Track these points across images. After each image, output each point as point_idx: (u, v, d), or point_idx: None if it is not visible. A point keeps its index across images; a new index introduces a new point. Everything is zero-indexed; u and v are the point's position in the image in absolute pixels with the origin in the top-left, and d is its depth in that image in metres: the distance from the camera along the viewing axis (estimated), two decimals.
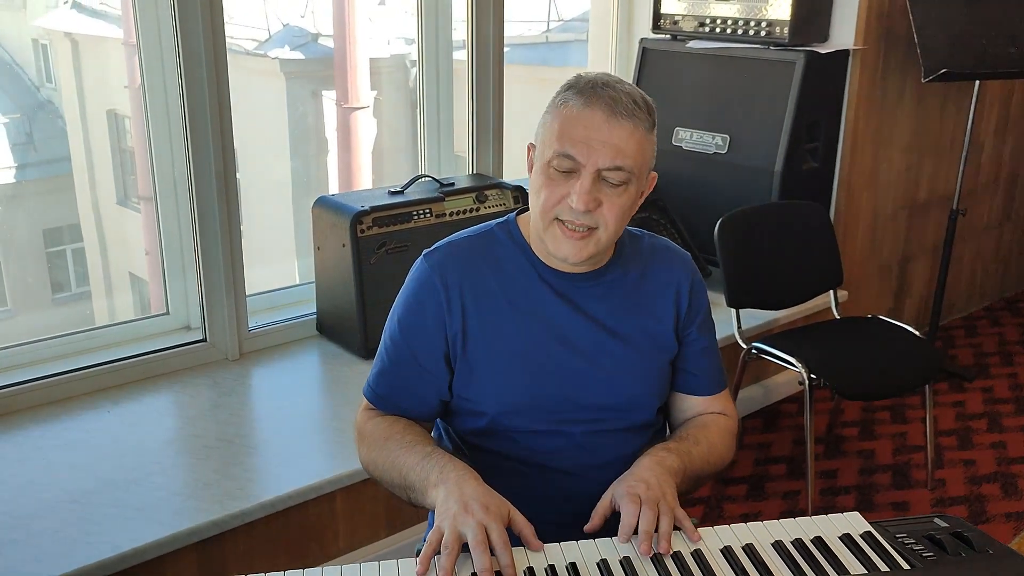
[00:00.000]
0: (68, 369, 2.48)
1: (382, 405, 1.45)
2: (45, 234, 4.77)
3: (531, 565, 1.15)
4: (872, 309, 3.51)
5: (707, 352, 1.50)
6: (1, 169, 4.49)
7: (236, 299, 2.68)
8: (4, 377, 2.41)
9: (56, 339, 2.58)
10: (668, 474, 1.28)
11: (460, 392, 1.41)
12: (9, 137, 4.60)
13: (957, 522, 1.26)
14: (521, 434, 1.40)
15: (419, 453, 1.33)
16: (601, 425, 1.41)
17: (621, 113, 1.28)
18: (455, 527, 1.17)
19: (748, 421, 3.19)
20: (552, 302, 1.40)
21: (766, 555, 1.18)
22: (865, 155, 3.36)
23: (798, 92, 3.04)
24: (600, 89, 1.29)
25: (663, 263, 1.48)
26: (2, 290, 4.37)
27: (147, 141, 2.64)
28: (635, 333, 1.43)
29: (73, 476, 2.10)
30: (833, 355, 2.62)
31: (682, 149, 3.37)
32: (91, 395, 2.47)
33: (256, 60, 5.95)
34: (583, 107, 1.28)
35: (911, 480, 2.86)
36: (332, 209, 2.72)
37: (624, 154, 1.28)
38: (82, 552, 1.83)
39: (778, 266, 2.80)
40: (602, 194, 1.30)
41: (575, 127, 1.28)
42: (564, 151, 1.28)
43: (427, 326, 1.39)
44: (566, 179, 1.30)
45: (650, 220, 3.24)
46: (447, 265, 1.40)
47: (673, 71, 3.40)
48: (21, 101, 4.99)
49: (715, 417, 1.49)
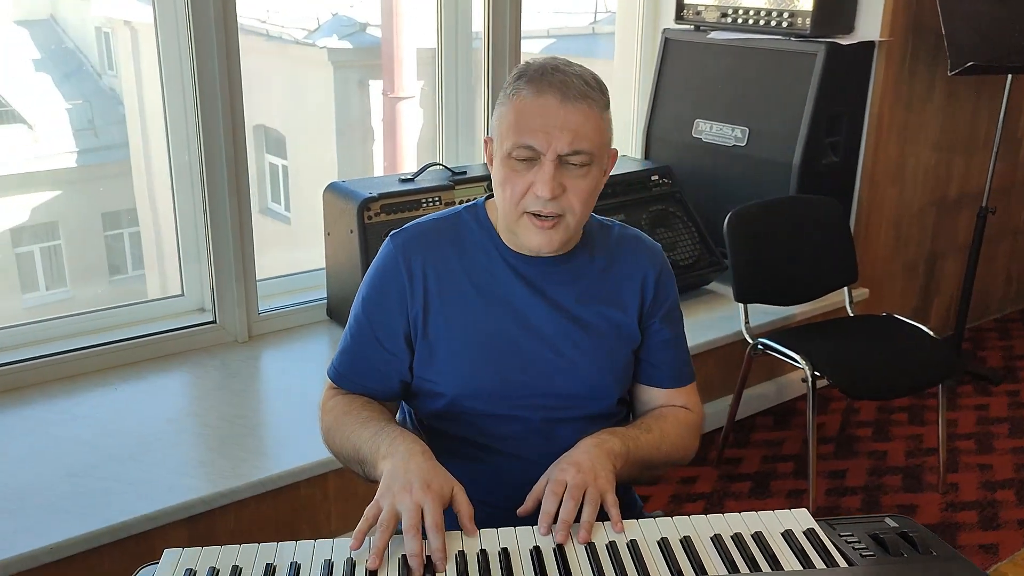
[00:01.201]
0: (81, 346, 2.55)
1: (344, 383, 1.46)
2: (104, 217, 4.91)
3: (463, 549, 1.15)
4: (896, 308, 3.44)
5: (670, 344, 1.48)
6: (64, 154, 4.62)
7: (246, 282, 2.73)
8: (20, 352, 2.49)
9: (73, 317, 2.65)
10: (606, 456, 1.27)
11: (420, 373, 1.42)
12: (72, 123, 4.71)
13: (907, 523, 1.23)
14: (479, 417, 1.41)
15: (373, 428, 1.34)
16: (560, 412, 1.41)
17: (573, 96, 1.27)
18: (392, 505, 1.17)
19: (759, 418, 3.15)
20: (516, 286, 1.40)
21: (702, 548, 1.17)
22: (890, 150, 3.29)
23: (818, 84, 2.99)
24: (550, 75, 1.29)
25: (630, 253, 1.47)
26: (63, 271, 4.52)
27: (164, 125, 2.70)
28: (598, 321, 1.42)
29: (75, 450, 2.16)
30: (840, 353, 2.58)
31: (701, 141, 3.33)
32: (102, 372, 2.54)
33: (305, 49, 6.02)
34: (535, 95, 1.28)
35: (922, 483, 2.80)
36: (341, 195, 2.75)
37: (582, 137, 1.28)
38: (73, 524, 1.89)
39: (789, 262, 2.76)
40: (565, 179, 1.30)
41: (530, 116, 1.28)
42: (522, 142, 1.28)
43: (389, 307, 1.40)
44: (528, 168, 1.30)
45: (667, 212, 3.21)
46: (411, 246, 1.41)
47: (695, 62, 3.36)
48: (84, 88, 5.11)
49: (675, 410, 1.48)
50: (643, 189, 3.22)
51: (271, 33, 6.21)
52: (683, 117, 3.39)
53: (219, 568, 1.11)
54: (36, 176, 4.51)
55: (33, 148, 4.56)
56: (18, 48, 4.46)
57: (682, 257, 3.16)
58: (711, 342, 2.91)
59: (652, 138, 3.51)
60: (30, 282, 4.48)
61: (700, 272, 3.19)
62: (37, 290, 4.53)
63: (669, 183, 3.27)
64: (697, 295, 3.20)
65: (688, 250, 3.19)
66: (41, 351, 2.51)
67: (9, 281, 4.32)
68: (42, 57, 4.65)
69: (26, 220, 4.41)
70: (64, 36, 4.87)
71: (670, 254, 3.13)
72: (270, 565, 1.11)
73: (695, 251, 3.19)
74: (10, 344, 2.51)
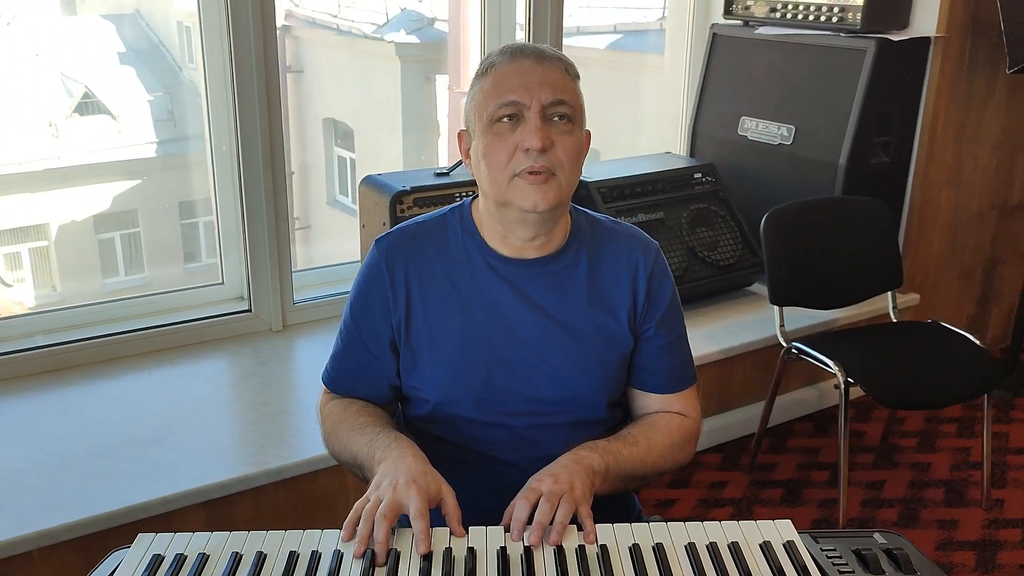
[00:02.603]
0: (120, 331, 2.62)
1: (336, 388, 1.47)
2: (181, 206, 5.06)
3: (449, 546, 1.15)
4: (950, 316, 3.31)
5: (667, 349, 1.44)
6: (145, 144, 4.76)
7: (281, 272, 2.77)
8: (62, 335, 2.57)
9: (116, 302, 2.73)
10: (584, 472, 1.24)
11: (405, 379, 1.42)
12: (153, 114, 4.85)
13: (896, 540, 1.18)
14: (464, 423, 1.40)
15: (369, 434, 1.34)
16: (545, 419, 1.39)
17: (549, 58, 1.31)
18: (378, 497, 1.18)
19: (797, 424, 3.07)
20: (499, 289, 1.38)
21: (673, 556, 1.13)
22: (946, 151, 3.16)
23: (867, 82, 2.89)
24: (524, 47, 1.33)
25: (622, 251, 1.42)
26: (141, 257, 4.66)
27: (207, 117, 2.75)
28: (585, 325, 1.39)
29: (104, 432, 2.22)
30: (876, 359, 2.49)
31: (747, 139, 3.25)
32: (138, 357, 2.61)
33: (373, 44, 6.09)
34: (511, 61, 1.30)
35: (965, 498, 2.69)
36: (376, 187, 2.77)
37: (562, 89, 1.29)
38: (93, 503, 1.94)
39: (828, 264, 2.68)
40: (551, 134, 1.28)
41: (509, 77, 1.29)
42: (504, 99, 1.28)
43: (373, 312, 1.40)
44: (512, 128, 1.28)
45: (708, 211, 3.15)
46: (393, 251, 1.40)
47: (742, 58, 3.29)
48: (165, 80, 5.25)
49: (668, 417, 1.44)
50: (685, 187, 3.16)
51: (341, 28, 6.30)
52: (729, 114, 3.32)
53: (186, 555, 1.12)
54: (118, 165, 4.63)
55: (116, 138, 4.68)
56: (105, 41, 4.58)
57: (722, 257, 3.10)
58: (748, 344, 2.85)
59: (698, 135, 3.45)
60: (110, 267, 4.63)
61: (741, 273, 3.13)
62: (117, 275, 4.67)
63: (712, 181, 3.20)
64: (737, 296, 3.14)
65: (729, 250, 3.12)
66: (85, 334, 2.59)
67: (91, 266, 4.49)
68: (127, 50, 4.77)
69: (108, 208, 4.54)
70: (148, 30, 4.99)
71: (710, 253, 3.07)
72: (236, 553, 1.12)
73: (736, 251, 3.12)
74: (54, 327, 2.60)
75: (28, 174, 4.23)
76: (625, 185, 3.04)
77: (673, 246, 3.02)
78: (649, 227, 3.00)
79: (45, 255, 4.36)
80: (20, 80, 4.18)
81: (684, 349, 1.48)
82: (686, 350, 1.49)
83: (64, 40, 4.37)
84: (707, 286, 3.06)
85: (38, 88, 4.24)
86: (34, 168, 4.26)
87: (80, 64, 4.41)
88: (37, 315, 2.63)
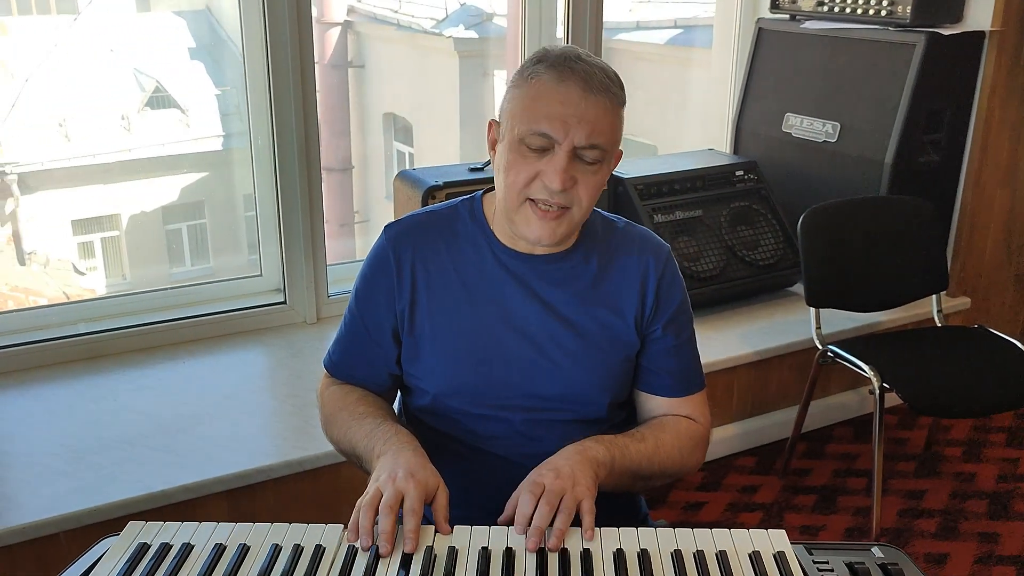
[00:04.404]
0: (156, 320, 2.68)
1: (336, 372, 1.47)
2: (245, 199, 5.17)
3: (431, 545, 1.14)
4: (1004, 321, 3.20)
5: (674, 351, 1.41)
6: (212, 137, 4.87)
7: (315, 266, 2.80)
8: (103, 323, 2.64)
9: (156, 292, 2.79)
10: (587, 463, 1.22)
11: (407, 368, 1.41)
12: (220, 108, 4.95)
13: (893, 554, 1.13)
14: (462, 416, 1.39)
15: (368, 425, 1.34)
16: (544, 415, 1.37)
17: (596, 88, 1.23)
18: (378, 490, 1.18)
19: (837, 430, 2.99)
20: (506, 284, 1.37)
21: (657, 563, 1.11)
22: (1001, 149, 3.04)
23: (916, 77, 2.79)
24: (573, 63, 1.24)
25: (633, 253, 1.40)
26: (207, 248, 4.78)
27: (246, 109, 2.79)
28: (591, 324, 1.37)
29: (133, 419, 2.27)
30: (915, 364, 2.41)
31: (791, 136, 3.18)
32: (174, 346, 2.66)
33: (432, 39, 6.13)
34: (557, 82, 1.23)
35: (1010, 511, 2.58)
36: (409, 182, 2.77)
37: (600, 131, 1.24)
38: (118, 489, 1.99)
39: (868, 265, 2.60)
40: (576, 172, 1.25)
41: (549, 103, 1.23)
42: (539, 129, 1.23)
43: (378, 300, 1.40)
44: (538, 157, 1.25)
45: (749, 210, 3.09)
46: (402, 240, 1.39)
47: (788, 54, 3.21)
48: (232, 75, 5.36)
49: (677, 419, 1.41)
50: (726, 184, 3.10)
51: (401, 23, 6.35)
52: (773, 111, 3.24)
53: (172, 544, 1.14)
54: (186, 158, 4.75)
55: (185, 132, 4.79)
56: (176, 37, 4.69)
57: (763, 257, 3.03)
58: (785, 346, 2.79)
59: (741, 132, 3.38)
60: (177, 257, 4.75)
61: (782, 273, 3.06)
62: (184, 265, 4.80)
63: (755, 179, 3.14)
64: (778, 297, 3.07)
65: (770, 250, 3.05)
66: (125, 323, 2.65)
67: (159, 255, 4.61)
68: (197, 46, 4.87)
69: (176, 199, 4.66)
70: (217, 26, 5.09)
71: (751, 253, 3.01)
72: (219, 544, 1.13)
73: (778, 251, 3.05)
74: (95, 315, 2.67)
75: (101, 166, 4.36)
76: (664, 182, 3.00)
77: (711, 245, 2.96)
78: (687, 225, 2.96)
79: (116, 245, 4.49)
80: (96, 75, 4.31)
81: (692, 354, 1.45)
82: (695, 355, 1.46)
83: (137, 36, 4.49)
84: (746, 285, 3.00)
85: (112, 83, 4.36)
86: (107, 160, 4.39)
87: (152, 59, 4.51)
88: (79, 304, 2.70)
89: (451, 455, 1.39)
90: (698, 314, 2.93)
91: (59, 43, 4.02)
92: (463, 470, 1.38)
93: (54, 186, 4.18)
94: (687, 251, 2.92)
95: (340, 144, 6.16)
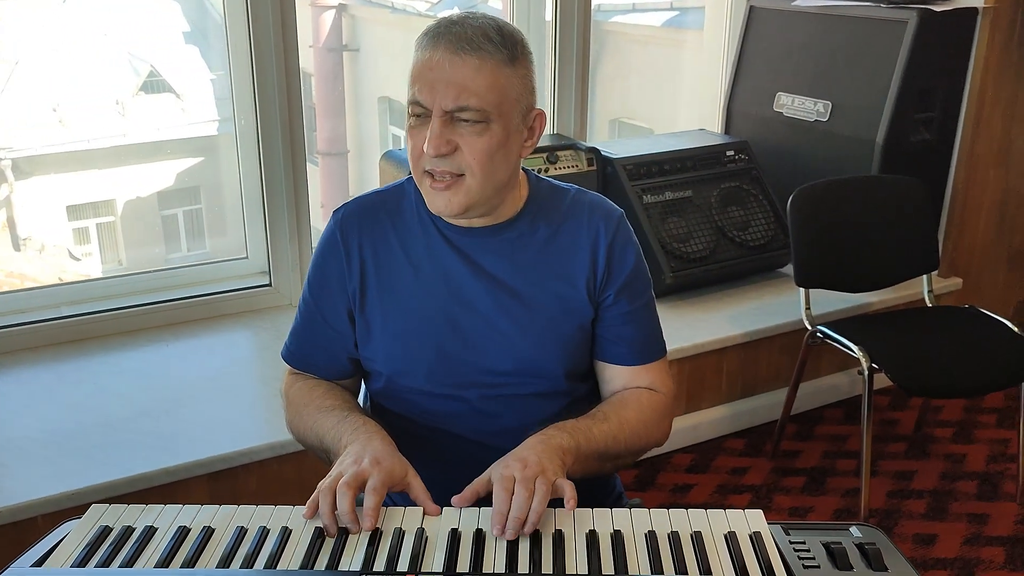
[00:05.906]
0: (140, 303, 2.65)
1: (295, 363, 1.45)
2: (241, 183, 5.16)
3: (380, 528, 1.12)
4: (997, 301, 3.17)
5: (630, 318, 1.37)
6: (207, 122, 4.83)
7: (300, 247, 2.77)
8: (86, 306, 2.61)
9: (140, 275, 2.76)
10: (553, 452, 1.20)
11: (361, 350, 1.39)
12: (215, 92, 4.91)
13: (872, 534, 1.11)
14: (418, 395, 1.37)
15: (335, 417, 1.32)
16: (500, 391, 1.35)
17: (465, 49, 1.20)
18: (339, 473, 1.17)
19: (828, 411, 2.97)
20: (450, 259, 1.34)
21: (630, 544, 1.09)
22: (994, 128, 3.01)
23: (908, 55, 2.76)
24: (449, 27, 1.22)
25: (583, 219, 1.36)
26: (203, 233, 4.76)
27: (230, 90, 2.76)
28: (541, 294, 1.34)
29: (114, 402, 2.25)
30: (904, 345, 2.39)
31: (782, 116, 3.14)
32: (157, 329, 2.63)
33: (427, 21, 6.06)
34: (430, 49, 1.23)
35: (999, 492, 2.57)
36: (395, 163, 2.75)
37: (470, 92, 1.20)
38: (97, 472, 1.97)
39: (858, 246, 2.57)
40: (458, 136, 1.22)
41: (421, 71, 1.23)
42: (413, 98, 1.23)
43: (330, 284, 1.38)
44: (423, 126, 1.23)
45: (740, 190, 3.06)
46: (349, 222, 1.37)
47: (779, 32, 3.17)
48: (227, 59, 5.33)
49: (639, 393, 1.38)
50: (716, 165, 3.07)
51: (396, 6, 6.30)
52: (764, 90, 3.21)
53: (135, 527, 1.11)
54: (182, 143, 4.71)
55: (180, 116, 4.76)
56: (170, 21, 4.65)
57: (753, 237, 3.00)
58: (775, 328, 2.76)
59: (732, 112, 3.35)
60: (174, 242, 4.73)
61: (772, 254, 3.03)
62: (180, 250, 4.77)
63: (746, 159, 3.10)
64: (768, 278, 3.04)
65: (760, 230, 3.02)
66: (107, 306, 2.62)
67: (155, 240, 4.59)
68: (191, 30, 4.83)
69: (172, 184, 4.63)
70: (211, 9, 5.04)
71: (741, 233, 2.98)
72: (183, 527, 1.11)
73: (768, 232, 3.02)
74: (80, 298, 2.64)
75: (96, 151, 4.33)
76: (653, 163, 2.96)
77: (701, 226, 2.93)
78: (676, 206, 2.93)
79: (112, 230, 4.46)
80: (89, 60, 4.27)
81: (650, 320, 1.41)
82: (653, 321, 1.42)
83: (131, 20, 4.44)
84: (736, 266, 2.97)
85: (106, 67, 4.32)
86: (102, 145, 4.36)
87: (146, 43, 4.47)
88: (61, 287, 2.69)
89: (409, 437, 1.35)
90: (687, 295, 2.94)
91: (49, 25, 3.98)
92: (421, 451, 1.34)
93: (49, 171, 4.15)
94: (677, 232, 2.89)
95: (335, 128, 6.13)
